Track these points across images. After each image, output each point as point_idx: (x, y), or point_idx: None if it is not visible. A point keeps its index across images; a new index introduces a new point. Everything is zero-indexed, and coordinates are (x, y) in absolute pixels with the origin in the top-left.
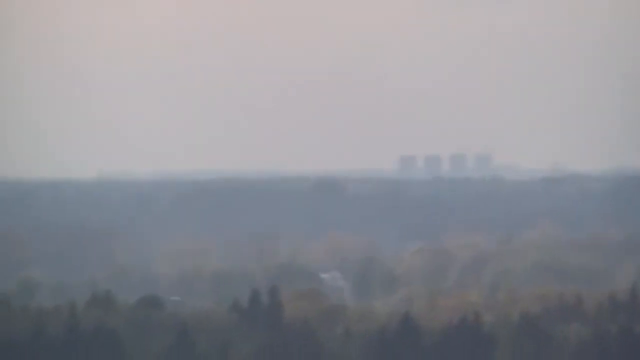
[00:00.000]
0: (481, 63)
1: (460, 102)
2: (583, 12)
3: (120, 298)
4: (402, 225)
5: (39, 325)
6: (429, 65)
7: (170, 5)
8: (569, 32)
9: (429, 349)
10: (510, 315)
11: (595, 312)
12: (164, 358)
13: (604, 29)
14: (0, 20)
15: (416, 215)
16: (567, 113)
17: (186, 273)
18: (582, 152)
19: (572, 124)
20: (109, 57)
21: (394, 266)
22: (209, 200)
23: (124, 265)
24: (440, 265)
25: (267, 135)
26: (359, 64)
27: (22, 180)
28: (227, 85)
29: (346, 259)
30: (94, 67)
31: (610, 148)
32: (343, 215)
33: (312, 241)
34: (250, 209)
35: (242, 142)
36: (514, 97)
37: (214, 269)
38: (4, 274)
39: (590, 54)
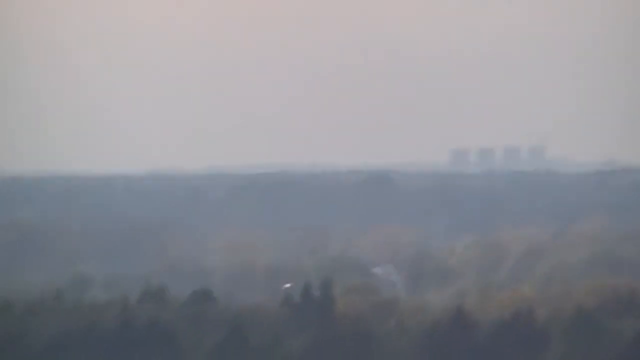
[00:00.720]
0: (534, 55)
1: (513, 95)
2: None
3: (173, 292)
4: (454, 218)
5: (92, 320)
6: (480, 58)
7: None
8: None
9: (481, 343)
10: (564, 309)
11: None
12: (216, 352)
13: None
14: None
15: (469, 209)
16: (620, 106)
17: (238, 267)
18: (635, 145)
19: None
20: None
21: (446, 260)
22: (260, 194)
23: (176, 259)
24: (493, 259)
25: (319, 128)
26: (410, 57)
27: (74, 175)
28: (278, 79)
29: (398, 253)
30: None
31: None
32: (395, 208)
33: (364, 235)
34: (301, 202)
35: (293, 136)
36: (567, 89)
37: (266, 263)
38: (57, 269)
39: None
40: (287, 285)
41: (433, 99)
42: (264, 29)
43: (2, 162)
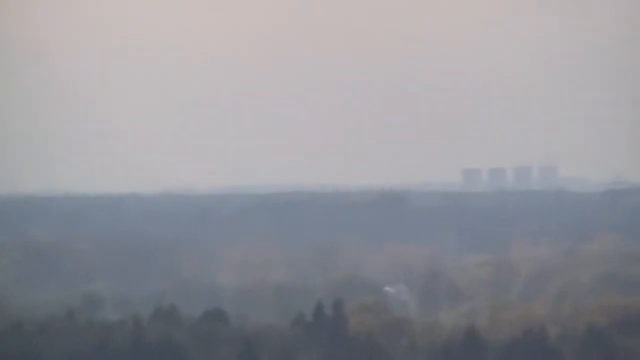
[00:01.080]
0: (546, 77)
1: (525, 116)
2: None
3: (185, 311)
4: (466, 237)
5: (104, 339)
6: (492, 80)
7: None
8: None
9: None
10: (576, 328)
11: None
12: None
13: None
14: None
15: (480, 228)
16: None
17: (249, 286)
18: None
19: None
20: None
21: (457, 279)
22: (272, 213)
23: (187, 278)
24: (505, 278)
25: (331, 148)
26: (423, 77)
27: (85, 194)
28: (289, 100)
29: (410, 272)
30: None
31: None
32: (406, 228)
33: (375, 254)
34: (312, 222)
35: (305, 155)
36: (578, 110)
37: (277, 282)
38: (68, 289)
39: None
40: (388, 288)
41: (445, 119)
42: (276, 50)
43: (13, 182)
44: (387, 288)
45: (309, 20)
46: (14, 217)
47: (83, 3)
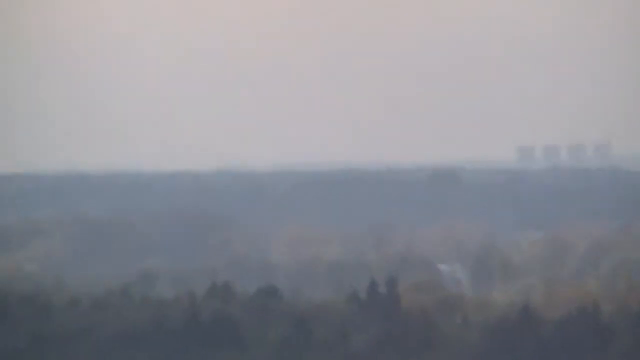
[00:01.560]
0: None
1: (579, 92)
2: None
3: (239, 288)
4: (520, 214)
5: (159, 316)
6: (545, 56)
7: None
8: None
9: (547, 339)
10: (630, 305)
11: None
12: (281, 347)
13: None
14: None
15: (534, 205)
16: None
17: (304, 263)
18: None
19: None
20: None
21: (512, 256)
22: (326, 190)
23: (242, 255)
24: (559, 255)
25: (384, 125)
26: (477, 55)
27: (141, 171)
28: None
29: (464, 249)
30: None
31: None
32: (460, 205)
33: (429, 231)
34: (367, 199)
35: (359, 132)
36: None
37: (331, 259)
38: (124, 265)
39: None
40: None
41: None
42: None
43: (69, 158)
44: (440, 265)
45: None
46: (70, 194)
47: None
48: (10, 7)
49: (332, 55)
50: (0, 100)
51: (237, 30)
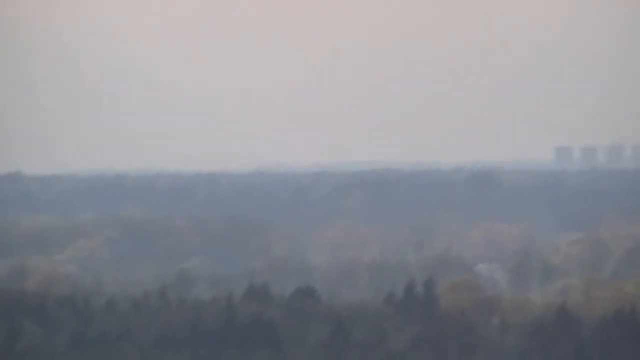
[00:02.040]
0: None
1: (616, 93)
2: None
3: (277, 289)
4: (558, 215)
5: (196, 317)
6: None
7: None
8: None
9: (585, 340)
10: None
11: None
12: (319, 349)
13: None
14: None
15: (572, 206)
16: None
17: (343, 265)
18: None
19: None
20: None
21: (550, 257)
22: (365, 192)
23: (280, 256)
24: (597, 256)
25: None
26: (514, 57)
27: (179, 173)
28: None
29: (502, 250)
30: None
31: None
32: (499, 206)
33: (468, 232)
34: (405, 200)
35: (398, 134)
36: None
37: (370, 260)
38: (163, 266)
39: None
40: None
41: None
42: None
43: (107, 161)
44: (479, 266)
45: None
46: (110, 195)
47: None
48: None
49: (371, 57)
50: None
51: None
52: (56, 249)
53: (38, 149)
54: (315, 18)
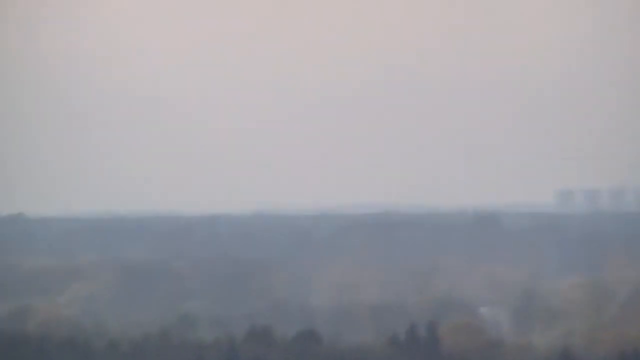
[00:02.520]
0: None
1: (618, 135)
2: None
3: (279, 332)
4: (560, 258)
5: (198, 359)
6: (581, 98)
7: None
8: None
9: None
10: None
11: None
12: None
13: None
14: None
15: (575, 249)
16: None
17: (343, 307)
18: None
19: None
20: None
21: (552, 300)
22: (366, 234)
23: (281, 299)
24: (600, 300)
25: (425, 169)
26: (517, 98)
27: (180, 215)
28: (381, 119)
29: (504, 292)
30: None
31: None
32: (501, 249)
33: (469, 275)
34: (406, 242)
35: (399, 176)
36: None
37: (371, 302)
38: (163, 308)
39: None
40: (483, 309)
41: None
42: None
43: (107, 203)
44: (481, 309)
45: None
46: (108, 237)
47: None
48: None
49: (372, 97)
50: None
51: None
52: (56, 291)
53: (39, 191)
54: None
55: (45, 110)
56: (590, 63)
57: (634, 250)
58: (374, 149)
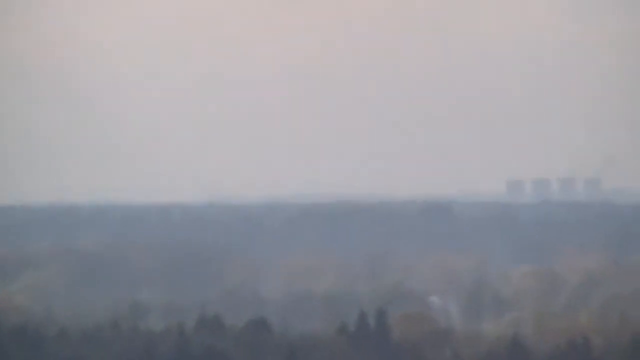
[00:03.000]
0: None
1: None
2: None
3: (229, 320)
4: (511, 247)
5: (148, 348)
6: (534, 89)
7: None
8: None
9: None
10: (621, 340)
11: None
12: None
13: None
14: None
15: (525, 238)
16: None
17: (295, 295)
18: None
19: None
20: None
21: (502, 289)
22: (318, 223)
23: (233, 288)
24: (550, 288)
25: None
26: (468, 89)
27: (131, 204)
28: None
29: (455, 281)
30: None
31: None
32: (452, 238)
33: (421, 264)
34: (358, 232)
35: (350, 166)
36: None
37: (323, 291)
38: (114, 297)
39: None
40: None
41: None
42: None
43: (59, 191)
44: (431, 297)
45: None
46: (60, 226)
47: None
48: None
49: (327, 87)
50: None
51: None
52: (8, 280)
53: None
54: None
55: None
56: (541, 52)
57: (584, 239)
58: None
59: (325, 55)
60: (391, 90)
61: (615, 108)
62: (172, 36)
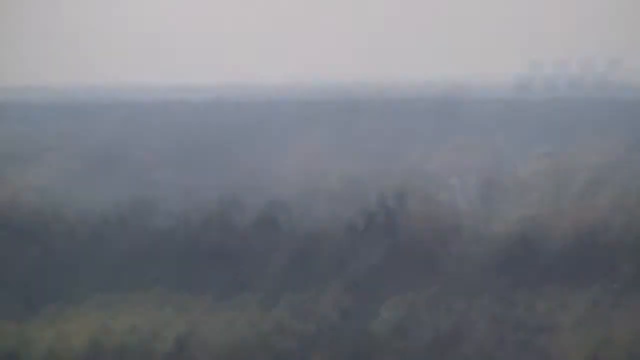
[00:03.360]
0: None
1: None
2: None
3: (237, 218)
4: (530, 131)
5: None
6: None
7: None
8: None
9: (554, 255)
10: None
11: None
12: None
13: None
14: None
15: (543, 120)
16: None
17: (304, 193)
18: None
19: None
20: None
21: (520, 171)
22: (331, 118)
23: (243, 179)
24: (568, 170)
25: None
26: None
27: (149, 85)
28: None
29: (470, 166)
30: None
31: None
32: (467, 127)
33: (436, 149)
34: (376, 115)
35: (367, 50)
36: None
37: (340, 171)
38: (121, 195)
39: None
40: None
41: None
42: None
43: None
44: (452, 180)
45: None
46: (65, 123)
47: None
48: None
49: None
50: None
51: None
52: (16, 176)
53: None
54: None
55: None
56: None
57: (605, 121)
58: (338, 19)
59: None
60: None
61: None
62: None
